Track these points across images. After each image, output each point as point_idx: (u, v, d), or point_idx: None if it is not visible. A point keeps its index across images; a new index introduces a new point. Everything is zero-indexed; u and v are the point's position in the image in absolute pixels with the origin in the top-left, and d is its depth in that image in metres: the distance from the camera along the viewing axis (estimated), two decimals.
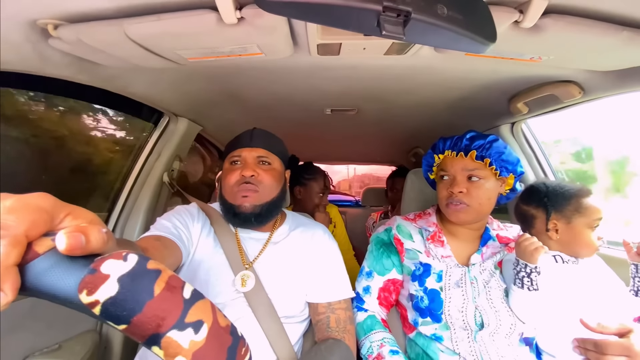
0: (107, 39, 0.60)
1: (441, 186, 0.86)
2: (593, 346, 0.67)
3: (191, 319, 0.24)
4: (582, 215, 0.79)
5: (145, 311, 0.23)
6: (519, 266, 0.76)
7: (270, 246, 0.83)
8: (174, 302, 0.24)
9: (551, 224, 0.82)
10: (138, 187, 1.19)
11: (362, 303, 0.89)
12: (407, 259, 0.90)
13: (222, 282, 0.75)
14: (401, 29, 0.40)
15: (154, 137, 1.21)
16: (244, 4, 0.52)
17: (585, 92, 0.85)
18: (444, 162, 0.87)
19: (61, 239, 0.22)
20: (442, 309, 0.79)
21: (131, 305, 0.22)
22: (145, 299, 0.23)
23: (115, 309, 0.22)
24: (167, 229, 0.72)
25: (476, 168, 0.82)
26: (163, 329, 0.23)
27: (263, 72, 0.88)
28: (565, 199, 0.81)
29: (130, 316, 0.22)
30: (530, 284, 0.74)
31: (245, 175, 0.78)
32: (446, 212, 0.85)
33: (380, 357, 0.78)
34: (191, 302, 0.25)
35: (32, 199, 0.23)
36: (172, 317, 0.23)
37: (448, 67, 0.84)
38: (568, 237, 0.80)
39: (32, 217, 0.22)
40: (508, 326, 0.76)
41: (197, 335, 0.24)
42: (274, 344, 0.72)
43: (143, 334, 0.23)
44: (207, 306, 0.26)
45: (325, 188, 1.59)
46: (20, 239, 0.21)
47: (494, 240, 0.89)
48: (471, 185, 0.82)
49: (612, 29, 0.55)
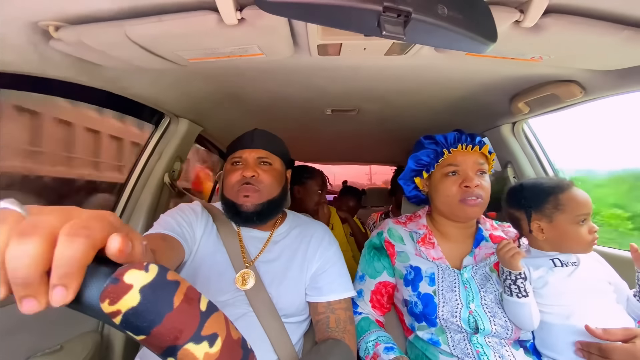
0: (108, 40, 0.60)
1: (449, 183, 0.83)
2: (597, 350, 0.65)
3: (207, 332, 0.24)
4: (563, 212, 0.75)
5: (164, 323, 0.23)
6: (504, 274, 0.74)
7: (270, 245, 0.83)
8: (192, 314, 0.24)
9: (534, 225, 0.79)
10: (139, 188, 1.19)
11: (356, 307, 0.90)
12: (398, 262, 0.89)
13: (223, 280, 0.75)
14: (401, 29, 0.40)
15: (155, 138, 1.22)
16: (245, 5, 0.52)
17: (586, 91, 0.85)
18: (453, 157, 0.83)
19: (115, 241, 0.23)
20: (436, 313, 0.78)
21: (151, 316, 0.22)
22: (165, 311, 0.23)
23: (136, 319, 0.22)
24: (171, 226, 0.73)
25: (484, 162, 0.83)
26: (180, 341, 0.23)
27: (263, 72, 0.88)
28: (542, 197, 0.78)
29: (151, 327, 0.22)
30: (519, 290, 0.72)
31: (246, 175, 0.79)
32: (460, 209, 0.82)
33: (376, 355, 0.78)
34: (207, 314, 0.25)
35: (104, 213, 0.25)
36: (189, 330, 0.23)
37: (449, 67, 0.84)
38: (554, 235, 0.77)
39: (109, 229, 0.23)
40: (504, 331, 0.75)
41: (212, 348, 0.24)
42: (275, 343, 0.72)
43: (161, 345, 0.23)
44: (221, 319, 0.26)
45: (323, 185, 1.63)
46: (98, 243, 0.22)
47: (487, 241, 0.87)
48: (482, 179, 0.82)
49: (613, 29, 0.55)
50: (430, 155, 0.88)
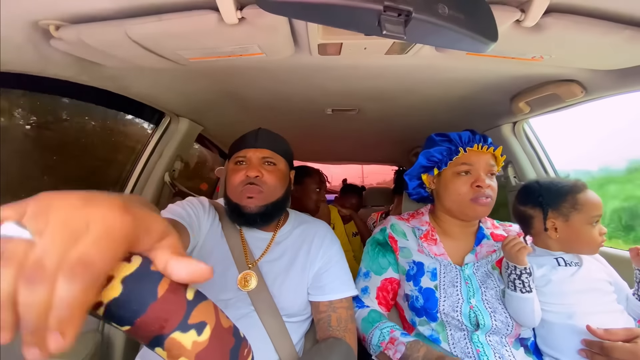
0: (109, 39, 0.60)
1: (461, 182, 0.83)
2: (599, 349, 0.66)
3: (194, 320, 0.24)
4: (580, 212, 0.76)
5: (148, 313, 0.23)
6: (509, 269, 0.74)
7: (273, 246, 0.83)
8: (177, 303, 0.24)
9: (549, 223, 0.80)
10: (140, 187, 1.19)
11: (362, 303, 0.89)
12: (401, 257, 0.89)
13: (226, 279, 0.75)
14: (402, 28, 0.40)
15: (155, 137, 1.22)
16: (245, 4, 0.52)
17: (587, 91, 0.85)
18: (467, 156, 0.84)
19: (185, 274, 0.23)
20: (437, 307, 0.78)
21: (135, 307, 0.22)
22: (149, 301, 0.23)
23: (118, 310, 0.22)
24: (179, 214, 0.73)
25: (494, 164, 0.84)
26: (166, 331, 0.23)
27: (264, 72, 0.88)
28: (561, 196, 0.79)
29: (134, 318, 0.22)
30: (523, 286, 0.72)
31: (250, 175, 0.78)
32: (470, 208, 0.82)
33: (394, 339, 0.76)
34: (194, 303, 0.25)
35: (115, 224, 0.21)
36: (175, 319, 0.23)
37: (449, 67, 0.84)
38: (568, 235, 0.78)
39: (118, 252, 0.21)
40: (505, 327, 0.75)
41: (200, 336, 0.24)
42: (276, 343, 0.72)
43: (146, 336, 0.23)
44: (210, 307, 0.26)
45: (321, 183, 1.64)
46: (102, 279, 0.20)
47: (488, 239, 0.88)
48: (492, 181, 0.83)
49: (614, 28, 0.55)
50: (444, 152, 0.88)
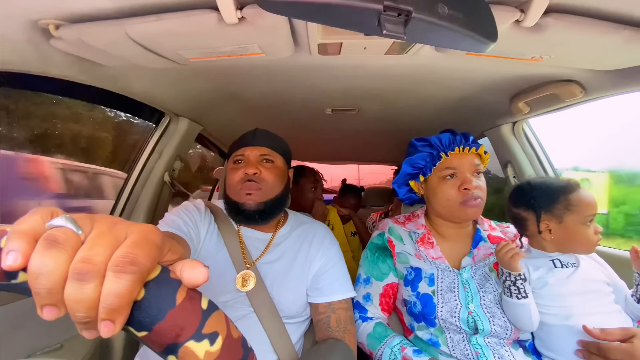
0: (108, 39, 0.60)
1: (448, 186, 0.82)
2: (596, 350, 0.66)
3: (208, 330, 0.24)
4: (573, 212, 0.75)
5: (167, 319, 0.23)
6: (504, 275, 0.74)
7: (272, 247, 0.83)
8: (193, 312, 0.24)
9: (543, 225, 0.78)
10: (139, 187, 1.19)
11: (365, 312, 0.87)
12: (398, 262, 0.89)
13: (224, 280, 0.75)
14: (402, 28, 0.40)
15: (155, 137, 1.22)
16: (245, 4, 0.52)
17: (586, 91, 0.85)
18: (450, 160, 0.83)
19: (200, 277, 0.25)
20: (435, 313, 0.78)
21: (154, 312, 0.23)
22: (168, 307, 0.23)
23: (139, 314, 0.22)
24: (178, 225, 0.73)
25: (480, 162, 0.83)
26: (182, 339, 0.23)
27: (264, 71, 0.88)
28: (553, 197, 0.77)
29: (153, 323, 0.23)
30: (518, 292, 0.71)
31: (248, 173, 0.78)
32: (460, 211, 0.82)
33: (406, 359, 0.75)
34: (208, 312, 0.25)
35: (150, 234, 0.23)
36: (190, 327, 0.23)
37: (449, 67, 0.84)
38: (563, 236, 0.77)
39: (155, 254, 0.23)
40: (503, 332, 0.75)
41: (213, 346, 0.24)
42: (275, 344, 0.72)
43: (162, 342, 0.23)
44: (221, 317, 0.26)
45: (316, 181, 1.64)
46: (145, 276, 0.22)
47: (485, 242, 0.87)
48: (479, 180, 0.82)
49: (614, 28, 0.55)
50: (426, 158, 0.86)
